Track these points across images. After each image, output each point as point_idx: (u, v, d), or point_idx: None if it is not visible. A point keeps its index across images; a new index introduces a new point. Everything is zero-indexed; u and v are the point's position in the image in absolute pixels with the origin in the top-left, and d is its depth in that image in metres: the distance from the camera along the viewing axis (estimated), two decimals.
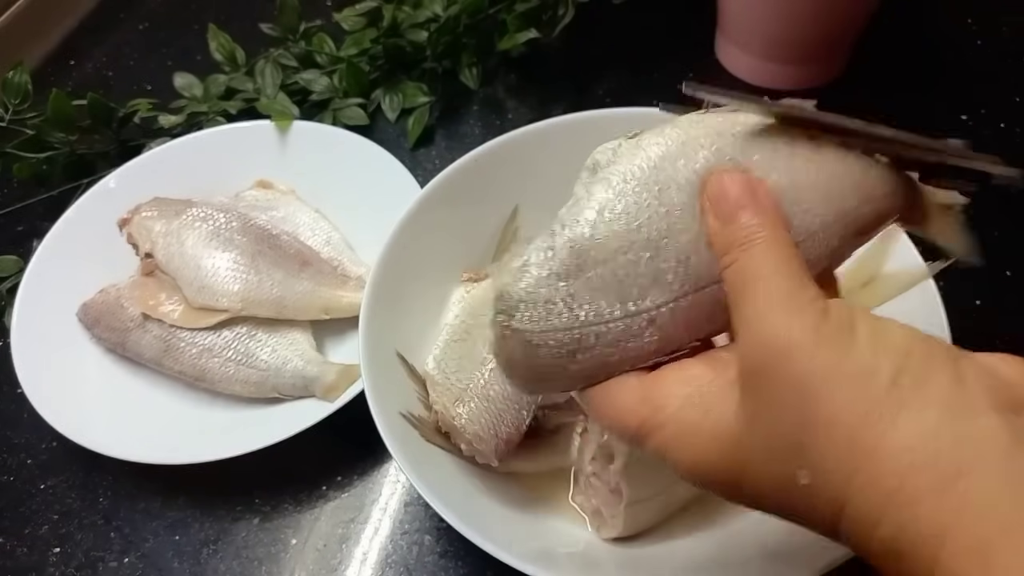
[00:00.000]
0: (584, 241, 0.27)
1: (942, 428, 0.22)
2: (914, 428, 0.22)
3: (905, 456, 0.22)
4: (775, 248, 0.26)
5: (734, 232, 0.26)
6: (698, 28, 0.70)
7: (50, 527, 0.50)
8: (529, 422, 0.42)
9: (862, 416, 0.22)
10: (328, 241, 0.58)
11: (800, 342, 0.23)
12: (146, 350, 0.52)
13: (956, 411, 0.22)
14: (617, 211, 0.27)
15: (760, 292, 0.25)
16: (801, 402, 0.23)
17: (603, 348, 0.27)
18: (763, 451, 0.24)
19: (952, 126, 0.63)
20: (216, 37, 0.70)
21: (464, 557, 0.46)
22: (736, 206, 0.26)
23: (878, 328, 0.24)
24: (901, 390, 0.22)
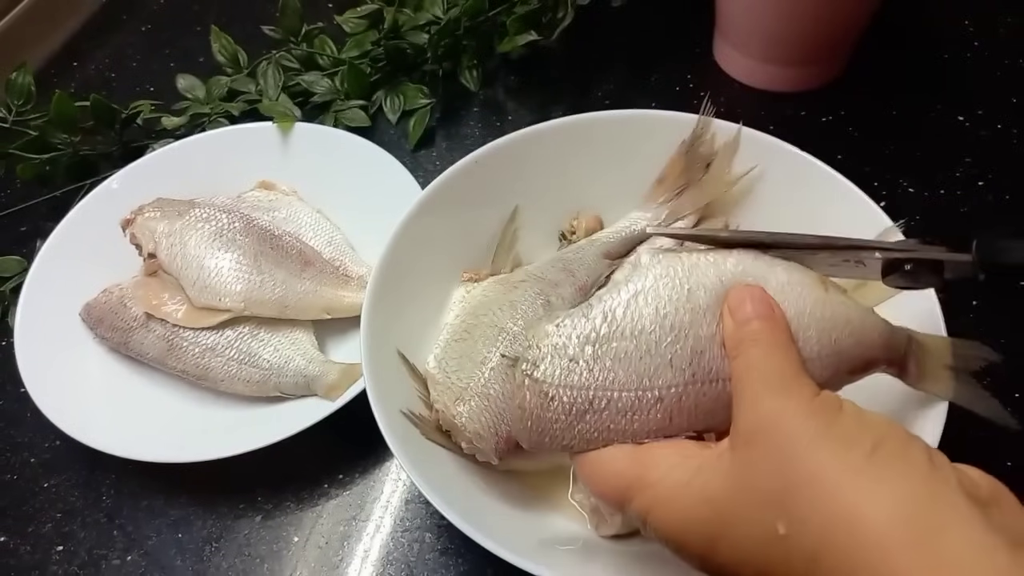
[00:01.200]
0: (618, 314, 0.31)
1: (919, 493, 0.23)
2: (893, 490, 0.23)
3: (883, 513, 0.23)
4: (779, 347, 0.29)
5: (745, 332, 0.29)
6: (696, 30, 0.70)
7: (53, 525, 0.50)
8: None
9: (843, 475, 0.24)
10: (330, 241, 0.58)
11: (791, 412, 0.26)
12: (149, 349, 0.52)
13: (932, 481, 0.24)
14: (651, 298, 0.31)
15: (759, 377, 0.28)
16: (786, 461, 0.25)
17: (611, 414, 0.30)
18: (745, 505, 0.26)
19: (949, 127, 0.63)
20: (218, 39, 0.70)
21: (465, 554, 0.46)
22: (752, 313, 0.30)
23: (863, 411, 0.27)
24: (881, 459, 0.24)
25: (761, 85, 0.67)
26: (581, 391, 0.30)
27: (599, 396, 0.30)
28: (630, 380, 0.30)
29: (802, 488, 0.24)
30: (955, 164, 0.60)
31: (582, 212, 0.53)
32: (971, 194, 0.59)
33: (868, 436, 0.25)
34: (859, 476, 0.24)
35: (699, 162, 0.51)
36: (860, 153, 0.61)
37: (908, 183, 0.60)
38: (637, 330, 0.31)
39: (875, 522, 0.23)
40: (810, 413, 0.26)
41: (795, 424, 0.26)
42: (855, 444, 0.25)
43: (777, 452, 0.26)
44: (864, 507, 0.23)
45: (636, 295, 0.31)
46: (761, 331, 0.29)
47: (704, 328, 0.31)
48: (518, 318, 0.45)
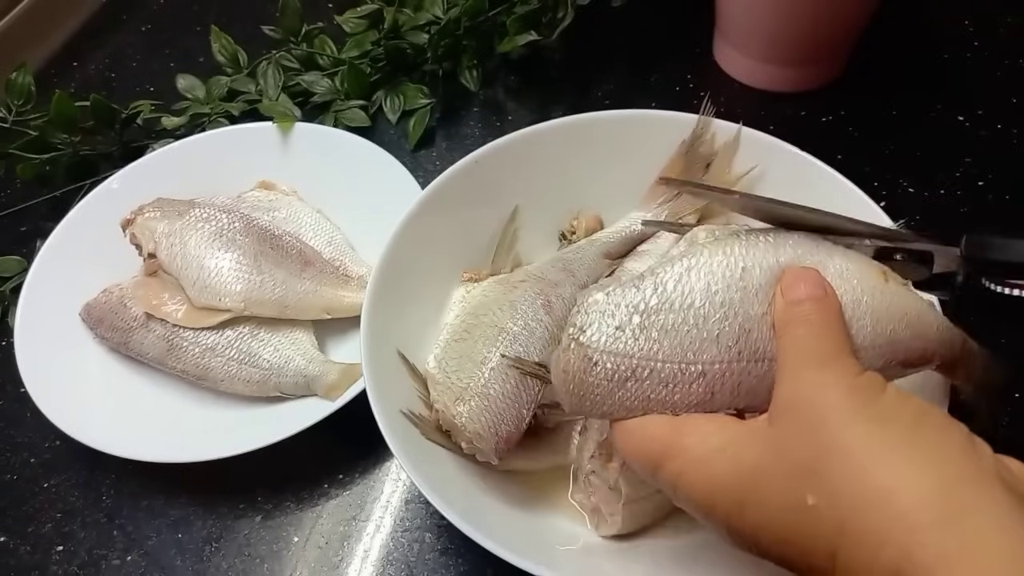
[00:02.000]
0: (669, 287, 0.31)
1: (954, 473, 0.23)
2: (927, 469, 0.23)
3: (915, 489, 0.23)
4: (828, 328, 0.29)
5: (795, 312, 0.29)
6: (696, 30, 0.70)
7: (53, 525, 0.50)
8: (529, 420, 0.42)
9: (878, 451, 0.24)
10: (330, 241, 0.58)
11: (830, 387, 0.26)
12: (149, 349, 0.52)
13: (968, 464, 0.23)
14: (703, 273, 0.31)
15: (802, 354, 0.28)
16: (822, 432, 0.25)
17: (653, 385, 0.30)
18: (777, 474, 0.26)
19: (949, 127, 0.63)
20: (218, 39, 0.70)
21: (464, 554, 0.46)
22: (804, 294, 0.30)
23: (906, 394, 0.26)
24: (919, 437, 0.24)
25: (761, 85, 0.67)
26: (625, 359, 0.30)
27: (642, 365, 0.30)
28: (675, 352, 0.30)
29: (835, 460, 0.24)
30: (955, 164, 0.60)
31: (582, 212, 0.53)
32: (971, 194, 0.59)
33: (908, 414, 0.25)
34: (894, 452, 0.24)
35: (699, 162, 0.51)
36: (860, 153, 0.61)
37: (908, 183, 0.60)
38: (687, 304, 0.30)
39: (906, 498, 0.23)
40: (851, 389, 0.26)
41: (833, 398, 0.26)
42: (893, 421, 0.25)
43: (813, 424, 0.26)
44: (896, 483, 0.23)
45: (689, 270, 0.31)
46: (812, 312, 0.29)
47: (755, 307, 0.30)
48: (518, 318, 0.45)
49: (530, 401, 0.42)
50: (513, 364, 0.43)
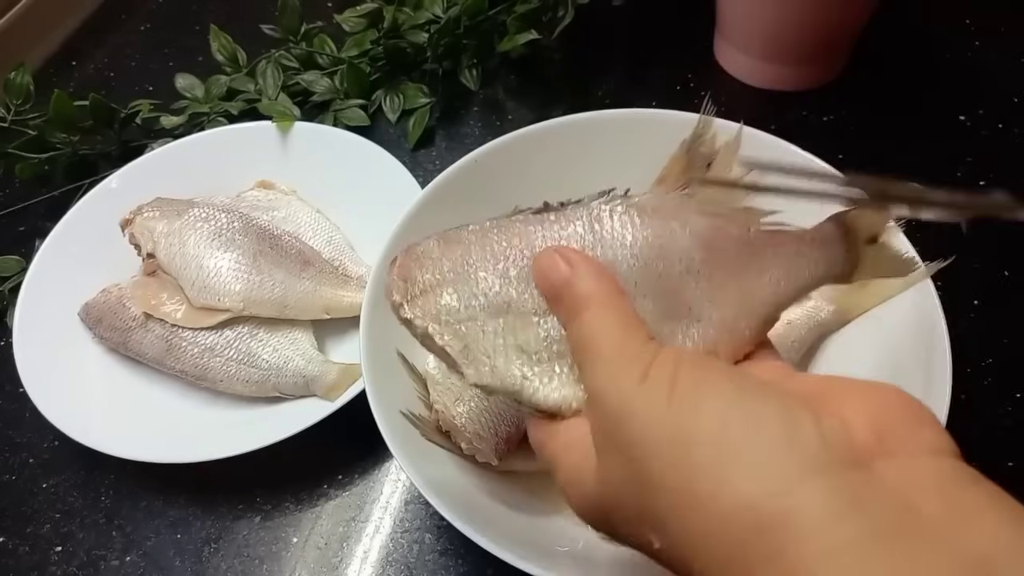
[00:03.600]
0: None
1: (769, 495, 0.20)
2: (740, 496, 0.21)
3: (735, 523, 0.21)
4: (599, 310, 0.26)
5: (562, 309, 0.28)
6: (697, 29, 0.70)
7: (52, 526, 0.50)
8: None
9: (687, 482, 0.21)
10: (329, 241, 0.58)
11: (622, 404, 0.24)
12: (148, 350, 0.52)
13: (783, 476, 0.20)
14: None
15: (590, 359, 0.26)
16: (633, 468, 0.23)
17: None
18: (618, 512, 0.25)
19: (950, 126, 0.63)
20: (217, 38, 0.70)
21: (464, 555, 0.46)
22: (556, 282, 0.28)
23: (700, 383, 0.23)
24: (722, 455, 0.21)
25: (762, 84, 0.67)
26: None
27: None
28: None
29: (657, 501, 0.22)
30: (956, 163, 0.60)
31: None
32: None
33: (706, 426, 0.22)
34: (704, 484, 0.21)
35: (700, 161, 0.50)
36: (861, 152, 0.61)
37: (909, 182, 0.59)
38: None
39: (726, 538, 0.21)
40: (642, 403, 0.23)
41: (630, 422, 0.23)
42: (691, 442, 0.22)
43: (621, 458, 0.23)
44: (713, 520, 0.21)
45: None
46: (572, 301, 0.27)
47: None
48: None
49: None
50: None
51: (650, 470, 0.22)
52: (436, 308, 0.29)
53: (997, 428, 0.47)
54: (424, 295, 0.29)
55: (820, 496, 0.20)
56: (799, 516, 0.20)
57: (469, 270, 0.29)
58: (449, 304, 0.29)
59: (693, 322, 0.29)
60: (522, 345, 0.28)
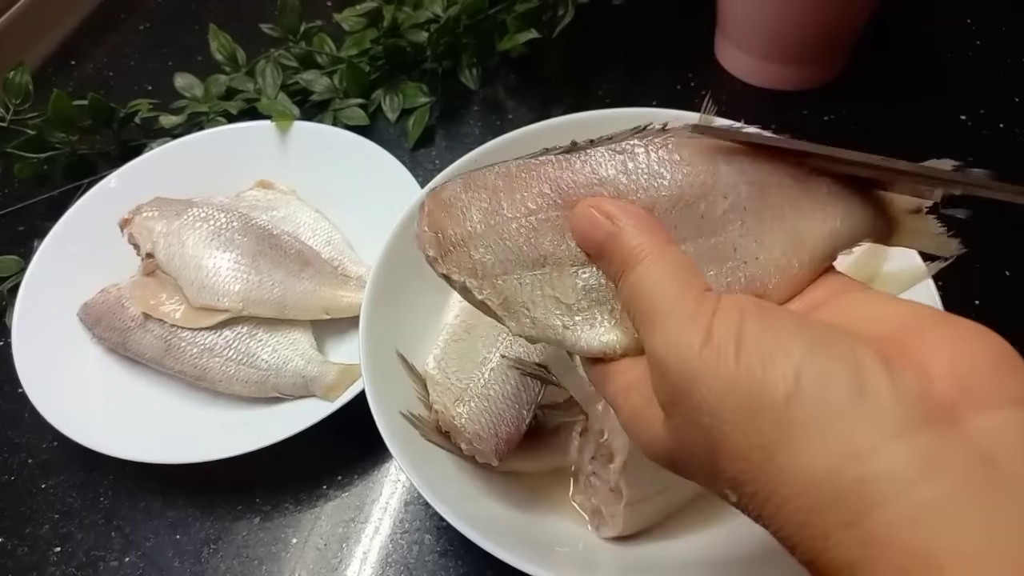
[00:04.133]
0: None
1: (844, 461, 0.20)
2: (815, 463, 0.20)
3: (811, 490, 0.20)
4: (651, 264, 0.25)
5: (610, 265, 0.27)
6: (697, 28, 0.70)
7: (51, 526, 0.50)
8: (529, 421, 0.42)
9: (760, 450, 0.21)
10: (329, 241, 0.58)
11: (688, 369, 0.22)
12: (147, 350, 0.52)
13: (857, 440, 0.20)
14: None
15: (646, 317, 0.25)
16: (703, 433, 0.22)
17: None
18: (691, 466, 0.24)
19: (951, 126, 0.63)
20: (217, 37, 0.70)
21: (464, 556, 0.46)
22: (599, 240, 0.27)
23: (765, 339, 0.22)
24: (795, 418, 0.20)
25: (763, 83, 0.67)
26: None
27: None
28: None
29: (731, 464, 0.22)
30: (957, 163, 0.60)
31: None
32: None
33: (777, 387, 0.21)
34: (779, 450, 0.21)
35: None
36: (862, 152, 0.61)
37: None
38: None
39: (803, 503, 0.20)
40: (708, 363, 0.22)
41: (697, 385, 0.22)
42: (762, 405, 0.21)
43: (693, 422, 0.23)
44: (789, 486, 0.21)
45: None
46: (620, 255, 0.26)
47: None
48: None
49: (530, 402, 0.42)
50: (513, 365, 0.42)
51: (722, 437, 0.22)
52: (471, 263, 0.28)
53: None
54: (457, 249, 0.28)
55: (897, 459, 0.19)
56: (876, 482, 0.19)
57: (500, 221, 0.28)
58: (483, 258, 0.28)
59: (740, 264, 0.27)
60: (560, 296, 0.28)
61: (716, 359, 0.22)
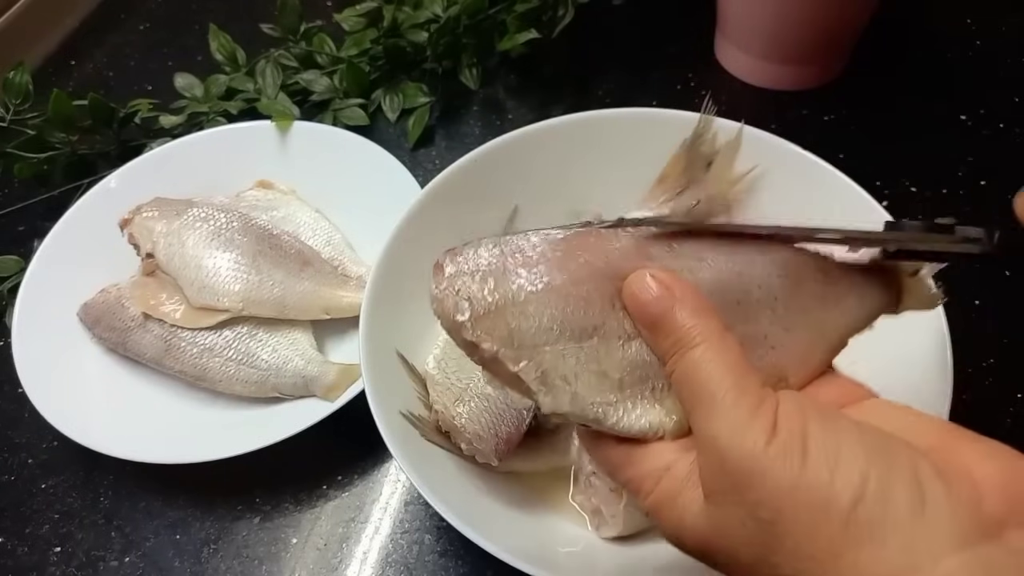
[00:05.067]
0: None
1: (906, 569, 0.21)
2: (876, 567, 0.21)
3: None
4: (709, 350, 0.25)
5: (663, 340, 0.26)
6: (697, 28, 0.70)
7: (51, 526, 0.50)
8: (529, 421, 0.42)
9: (825, 550, 0.22)
10: (328, 241, 0.58)
11: (751, 465, 0.23)
12: (147, 350, 0.52)
13: (915, 553, 0.21)
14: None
15: (703, 403, 0.25)
16: (759, 528, 0.23)
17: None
18: (728, 557, 0.24)
19: (951, 126, 0.63)
20: (217, 37, 0.70)
21: (464, 556, 0.46)
22: (656, 311, 0.26)
23: (831, 444, 0.23)
24: (860, 525, 0.21)
25: (763, 84, 0.67)
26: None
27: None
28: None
29: (788, 559, 0.22)
30: (958, 163, 0.60)
31: (582, 212, 0.53)
32: (974, 193, 0.59)
33: (843, 492, 0.22)
34: (841, 554, 0.21)
35: (700, 161, 0.50)
36: (862, 152, 0.61)
37: (910, 182, 0.59)
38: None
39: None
40: (772, 462, 0.23)
41: (759, 482, 0.22)
42: (828, 508, 0.22)
43: (749, 518, 0.23)
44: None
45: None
46: (678, 333, 0.26)
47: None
48: None
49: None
50: None
51: (782, 533, 0.22)
52: (507, 331, 0.26)
53: (999, 428, 0.47)
54: (489, 316, 0.26)
55: (954, 572, 0.20)
56: None
57: (544, 288, 0.26)
58: (523, 326, 0.26)
59: (768, 350, 0.28)
60: (607, 370, 0.26)
61: (783, 458, 0.22)
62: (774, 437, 0.23)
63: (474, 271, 0.27)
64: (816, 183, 0.46)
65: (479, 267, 0.27)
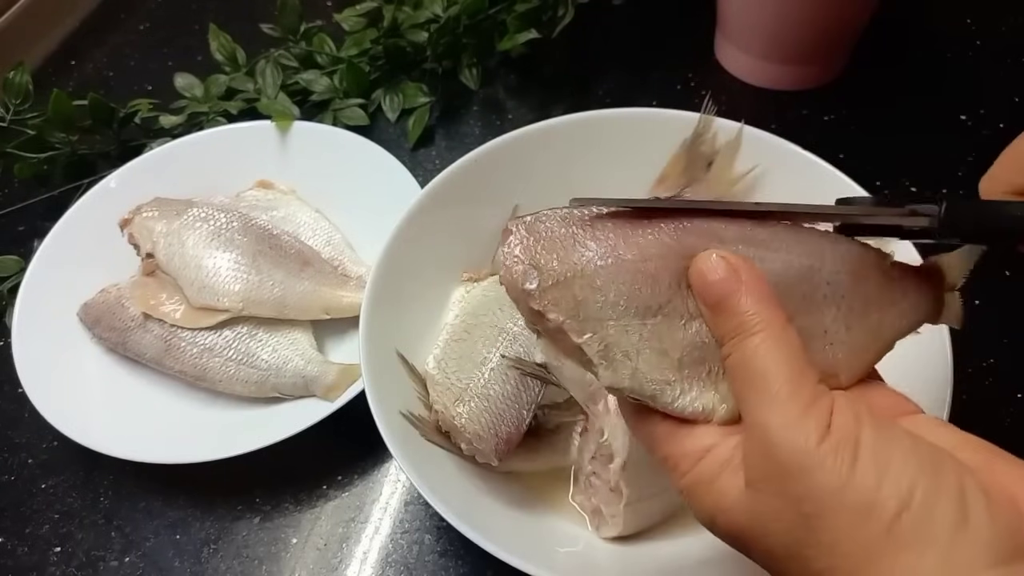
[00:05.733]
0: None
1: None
2: (914, 574, 0.22)
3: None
4: (769, 340, 0.25)
5: (724, 322, 0.26)
6: (697, 28, 0.70)
7: (51, 526, 0.50)
8: (529, 421, 0.42)
9: (863, 551, 0.22)
10: (328, 241, 0.58)
11: (801, 459, 0.23)
12: (147, 350, 0.52)
13: (952, 566, 0.21)
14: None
15: (757, 392, 0.25)
16: (799, 521, 0.23)
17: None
18: (760, 543, 0.25)
19: (951, 126, 0.63)
20: (217, 37, 0.70)
21: (464, 556, 0.46)
22: (721, 292, 0.26)
23: (882, 451, 0.23)
24: (902, 532, 0.22)
25: (763, 83, 0.67)
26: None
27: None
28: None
29: (822, 555, 0.23)
30: (957, 163, 0.60)
31: None
32: (973, 193, 0.58)
33: (889, 500, 0.22)
34: (879, 559, 0.22)
35: (700, 161, 0.50)
36: (862, 152, 0.61)
37: (910, 182, 0.59)
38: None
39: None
40: (822, 460, 0.23)
41: (807, 477, 0.23)
42: (873, 512, 0.22)
43: (790, 510, 0.23)
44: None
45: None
46: (741, 318, 0.26)
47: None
48: (518, 318, 0.44)
49: (530, 402, 0.42)
50: (513, 364, 0.42)
51: (821, 529, 0.23)
52: (574, 302, 0.26)
53: (999, 428, 0.47)
54: (558, 286, 0.26)
55: None
56: None
57: (614, 262, 0.26)
58: (590, 299, 0.26)
59: (825, 345, 0.27)
60: (668, 349, 0.26)
61: (833, 457, 0.23)
62: (827, 436, 0.23)
63: (544, 240, 0.27)
64: (816, 183, 0.46)
65: (550, 236, 0.27)
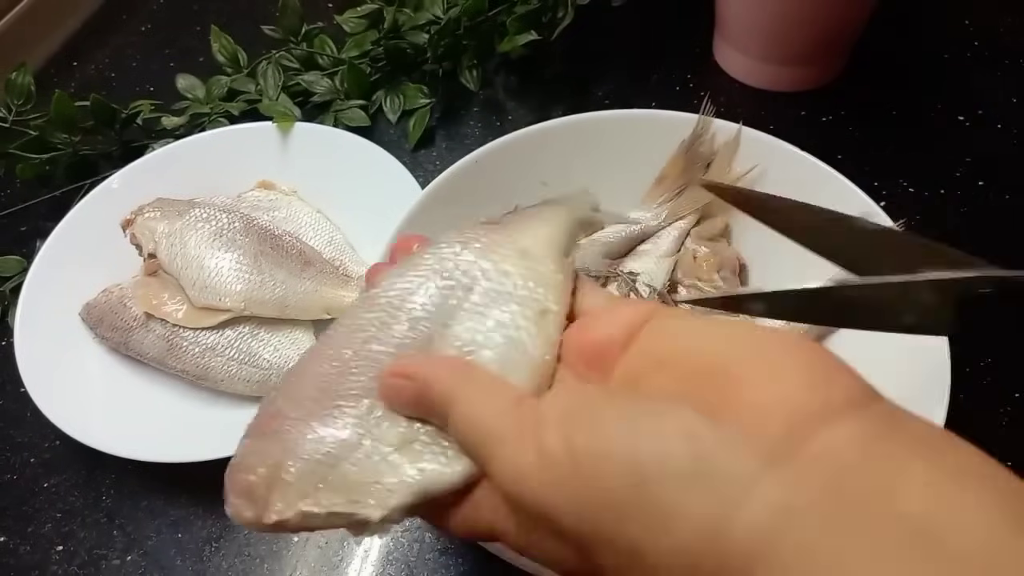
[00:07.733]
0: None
1: (707, 534, 0.19)
2: (678, 541, 0.20)
3: (688, 571, 0.20)
4: (464, 406, 0.25)
5: (437, 420, 0.26)
6: (696, 30, 0.70)
7: (53, 525, 0.50)
8: None
9: (629, 546, 0.21)
10: (330, 241, 0.58)
11: (539, 493, 0.22)
12: (149, 349, 0.52)
13: (710, 510, 0.20)
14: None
15: (481, 451, 0.24)
16: (574, 548, 0.22)
17: None
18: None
19: (950, 126, 0.63)
20: (218, 39, 0.70)
21: (465, 554, 0.46)
22: (413, 403, 0.26)
23: (595, 439, 0.22)
24: (647, 504, 0.20)
25: (761, 85, 0.67)
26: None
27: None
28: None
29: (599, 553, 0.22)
30: (955, 164, 0.60)
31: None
32: (971, 194, 0.59)
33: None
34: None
35: (699, 162, 0.51)
36: (860, 153, 0.61)
37: (908, 183, 0.59)
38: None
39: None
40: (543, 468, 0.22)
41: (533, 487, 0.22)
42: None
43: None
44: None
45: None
46: (438, 398, 0.25)
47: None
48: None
49: None
50: None
51: (591, 547, 0.22)
52: (294, 488, 0.25)
53: (996, 428, 0.47)
54: (272, 488, 0.26)
55: (753, 520, 0.19)
56: (740, 554, 0.19)
57: (299, 426, 0.27)
58: (302, 471, 0.25)
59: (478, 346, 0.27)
60: (396, 446, 0.26)
61: (555, 477, 0.22)
62: (542, 458, 0.22)
63: (239, 470, 0.28)
64: (814, 184, 0.46)
65: (238, 465, 0.28)
